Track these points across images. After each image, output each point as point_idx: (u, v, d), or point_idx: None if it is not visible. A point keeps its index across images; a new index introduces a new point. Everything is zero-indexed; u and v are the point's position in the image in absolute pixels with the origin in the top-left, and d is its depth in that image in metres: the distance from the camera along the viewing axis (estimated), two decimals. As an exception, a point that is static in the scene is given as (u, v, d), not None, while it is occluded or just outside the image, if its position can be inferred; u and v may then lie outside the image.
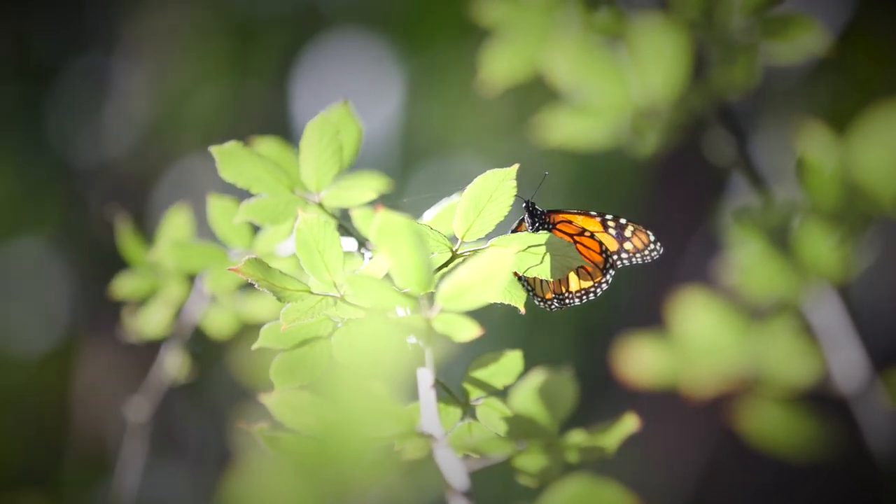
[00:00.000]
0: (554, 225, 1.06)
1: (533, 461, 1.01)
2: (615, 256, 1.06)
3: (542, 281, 1.05)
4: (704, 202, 2.53)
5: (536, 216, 1.05)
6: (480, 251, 0.94)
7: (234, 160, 0.99)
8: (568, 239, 1.05)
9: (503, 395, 1.00)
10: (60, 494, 2.87)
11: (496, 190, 0.93)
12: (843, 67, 2.65)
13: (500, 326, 2.97)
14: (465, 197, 0.93)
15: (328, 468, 0.76)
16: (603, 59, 1.46)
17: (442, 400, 0.98)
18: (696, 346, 1.50)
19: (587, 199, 3.08)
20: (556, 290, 1.06)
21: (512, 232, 1.05)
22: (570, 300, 1.06)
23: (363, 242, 1.04)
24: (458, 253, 0.97)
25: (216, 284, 1.14)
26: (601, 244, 1.06)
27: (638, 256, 1.07)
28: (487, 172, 0.93)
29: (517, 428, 0.99)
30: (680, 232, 2.73)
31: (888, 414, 1.43)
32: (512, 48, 1.51)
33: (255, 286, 0.93)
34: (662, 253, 1.07)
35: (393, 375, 0.81)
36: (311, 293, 0.94)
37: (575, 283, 1.06)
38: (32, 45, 3.20)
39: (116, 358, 2.93)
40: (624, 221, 1.06)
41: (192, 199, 1.32)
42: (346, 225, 1.04)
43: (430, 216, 1.04)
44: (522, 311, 0.98)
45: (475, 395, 0.99)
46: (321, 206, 1.02)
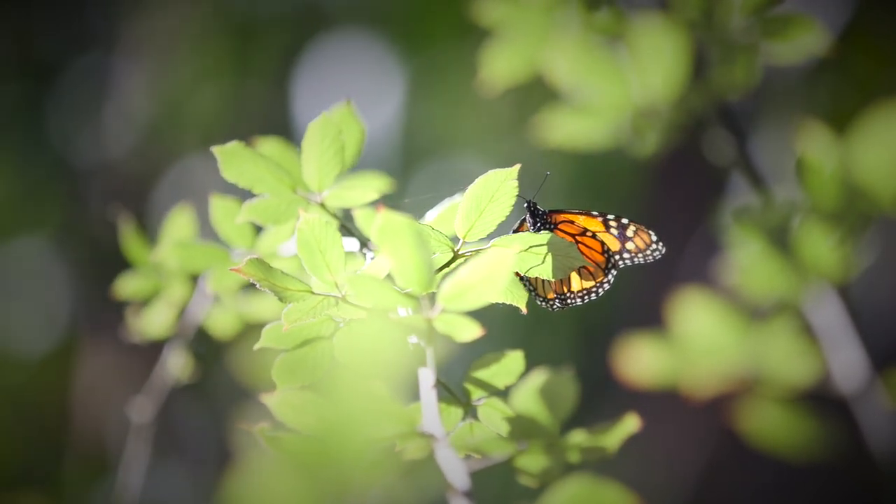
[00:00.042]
0: (556, 225, 1.06)
1: (534, 461, 1.01)
2: (617, 256, 1.06)
3: (544, 281, 1.05)
4: (704, 202, 2.53)
5: (538, 216, 1.05)
6: (482, 251, 0.94)
7: (235, 160, 0.99)
8: (570, 239, 1.05)
9: (504, 395, 1.00)
10: (60, 494, 2.86)
11: (498, 190, 0.93)
12: (843, 67, 2.65)
13: (500, 326, 2.97)
14: (466, 197, 0.93)
15: (329, 468, 0.76)
16: (603, 59, 1.46)
17: (443, 400, 0.98)
18: (696, 346, 1.50)
19: (587, 199, 3.08)
20: (557, 290, 1.05)
21: (514, 232, 1.05)
22: (572, 300, 1.06)
23: (365, 242, 1.04)
24: (459, 253, 0.97)
25: (219, 285, 1.14)
26: (603, 244, 1.06)
27: (640, 256, 1.06)
28: (489, 173, 0.93)
29: (518, 428, 0.99)
30: (680, 232, 2.73)
31: (888, 414, 1.43)
32: (512, 48, 1.51)
33: (256, 286, 0.93)
34: (663, 253, 1.07)
35: (394, 375, 0.81)
36: (312, 293, 0.94)
37: (577, 283, 1.05)
38: (33, 44, 3.19)
39: (117, 358, 2.93)
40: (626, 221, 1.06)
41: (192, 199, 1.31)
42: (348, 225, 1.04)
43: (432, 216, 1.04)
44: (524, 311, 0.98)
45: (476, 395, 0.98)
46: (323, 206, 1.02)
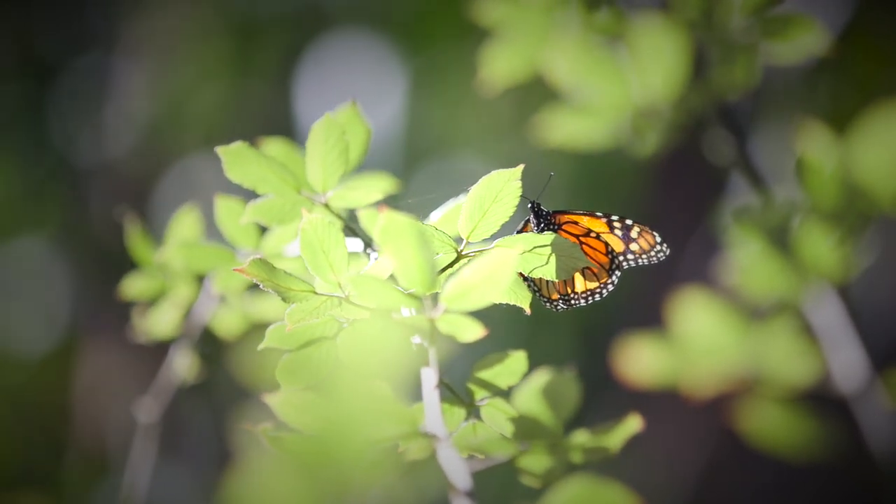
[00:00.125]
0: (560, 226, 1.05)
1: (536, 461, 1.01)
2: (621, 257, 1.06)
3: (548, 281, 1.05)
4: (704, 202, 2.53)
5: (542, 217, 1.05)
6: (485, 252, 0.94)
7: (240, 160, 0.99)
8: (574, 240, 1.05)
9: (506, 395, 1.00)
10: (61, 494, 2.86)
11: (501, 191, 0.93)
12: (843, 67, 2.65)
13: (501, 326, 2.97)
14: (470, 197, 0.93)
15: (331, 468, 0.76)
16: (603, 59, 1.46)
17: (446, 400, 0.98)
18: (696, 346, 1.50)
19: (587, 198, 3.07)
20: (561, 290, 1.05)
21: (517, 233, 1.05)
22: (575, 301, 1.06)
23: (369, 243, 1.04)
24: (463, 253, 0.97)
25: (224, 285, 1.14)
26: (607, 245, 1.05)
27: (644, 257, 1.06)
28: (492, 173, 0.93)
29: (521, 428, 0.99)
30: (680, 232, 2.72)
31: (888, 414, 1.43)
32: (512, 48, 1.51)
33: (260, 287, 0.93)
34: (667, 254, 1.07)
35: (397, 376, 0.81)
36: (315, 294, 0.94)
37: (581, 283, 1.05)
38: (34, 44, 3.19)
39: (117, 358, 2.93)
40: (630, 222, 1.06)
41: (194, 199, 1.31)
42: (352, 225, 1.04)
43: (436, 217, 1.04)
44: (528, 311, 0.98)
45: (480, 395, 0.98)
46: (327, 206, 1.02)
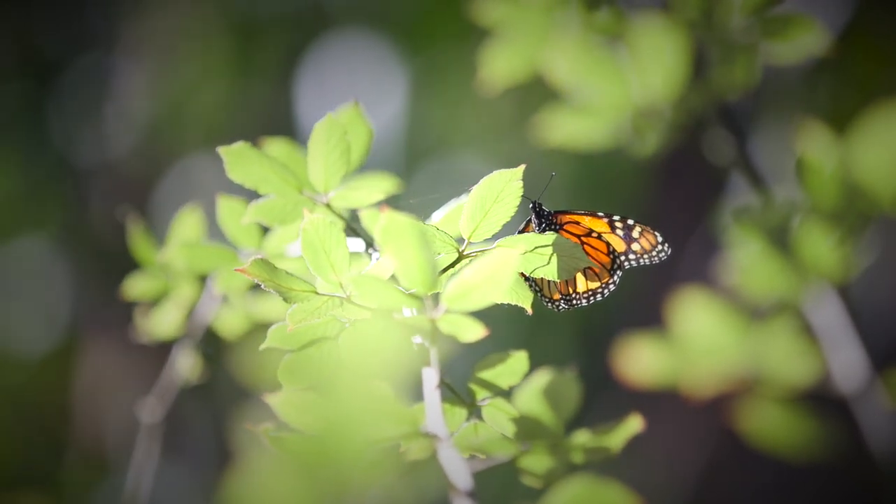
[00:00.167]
0: (561, 226, 1.05)
1: (537, 461, 1.01)
2: (623, 257, 1.06)
3: (549, 282, 1.05)
4: (704, 202, 2.53)
5: (543, 217, 1.05)
6: (486, 252, 0.94)
7: (241, 161, 0.99)
8: (575, 240, 1.05)
9: (507, 395, 1.00)
10: (61, 494, 2.86)
11: (502, 191, 0.93)
12: (843, 67, 2.65)
13: (501, 326, 2.97)
14: (471, 198, 0.93)
15: (332, 468, 0.76)
16: (603, 59, 1.46)
17: (447, 400, 0.98)
18: (696, 346, 1.50)
19: (587, 198, 3.07)
20: (563, 290, 1.05)
21: (519, 233, 1.05)
22: (577, 301, 1.06)
23: (371, 243, 1.04)
24: (464, 254, 0.97)
25: (226, 285, 1.14)
26: (608, 245, 1.05)
27: (646, 257, 1.06)
28: (494, 173, 0.93)
29: (522, 428, 0.99)
30: (680, 232, 2.73)
31: (888, 414, 1.43)
32: (512, 48, 1.51)
33: (261, 287, 0.93)
34: (669, 254, 1.07)
35: (398, 376, 0.81)
36: (317, 294, 0.94)
37: (582, 283, 1.05)
38: (34, 44, 3.19)
39: (117, 358, 2.93)
40: (631, 222, 1.06)
41: (194, 199, 1.31)
42: (354, 226, 1.04)
43: (438, 217, 1.04)
44: (529, 311, 0.98)
45: (481, 395, 0.98)
46: (329, 206, 1.02)
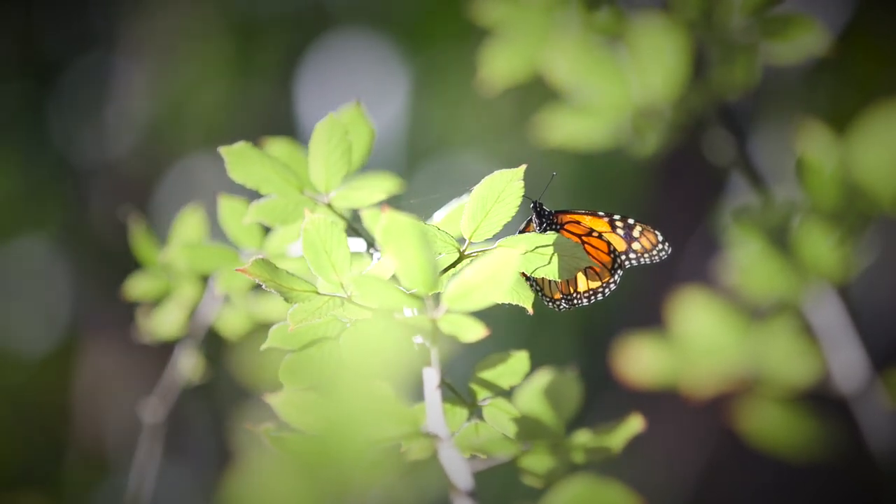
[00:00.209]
0: (562, 225, 1.05)
1: (538, 461, 1.01)
2: (623, 257, 1.06)
3: (550, 281, 1.05)
4: (704, 202, 2.54)
5: (544, 217, 1.05)
6: (487, 252, 0.94)
7: (243, 161, 0.99)
8: (576, 239, 1.05)
9: (508, 395, 1.00)
10: (61, 494, 2.86)
11: (503, 191, 0.93)
12: (843, 67, 2.65)
13: (501, 326, 2.97)
14: (472, 198, 0.93)
15: (333, 468, 0.76)
16: (603, 59, 1.46)
17: (448, 400, 0.98)
18: (696, 346, 1.50)
19: (587, 198, 3.07)
20: (564, 290, 1.05)
21: (520, 232, 1.05)
22: (578, 300, 1.06)
23: (372, 243, 1.04)
24: (465, 254, 0.97)
25: (228, 285, 1.14)
26: (609, 244, 1.05)
27: (646, 257, 1.06)
28: (495, 173, 0.93)
29: (523, 428, 0.99)
30: (680, 232, 2.72)
31: (888, 414, 1.43)
32: (512, 48, 1.51)
33: (262, 287, 0.93)
34: (669, 253, 1.07)
35: (399, 376, 0.81)
36: (318, 294, 0.94)
37: (583, 283, 1.05)
38: (35, 44, 3.19)
39: (117, 358, 2.93)
40: (632, 222, 1.06)
41: (195, 199, 1.31)
42: (355, 226, 1.04)
43: (439, 217, 1.04)
44: (530, 311, 0.98)
45: (482, 395, 0.98)
46: (330, 206, 1.02)
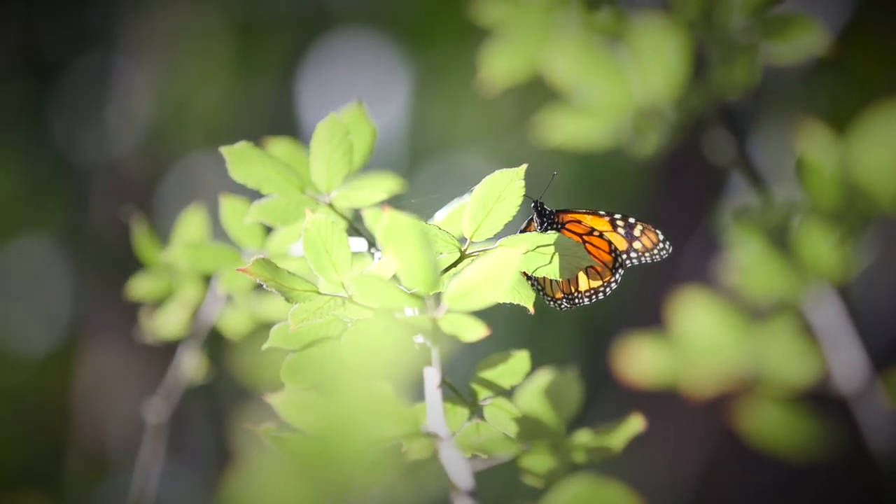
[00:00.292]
0: (563, 225, 1.06)
1: (539, 461, 1.01)
2: (624, 256, 1.06)
3: (551, 280, 1.05)
4: (704, 202, 2.54)
5: (545, 216, 1.05)
6: (488, 251, 0.94)
7: (244, 160, 0.99)
8: (577, 239, 1.05)
9: (509, 395, 1.00)
10: (61, 494, 2.86)
11: (504, 190, 0.93)
12: (843, 67, 2.65)
13: (503, 326, 2.97)
14: (473, 197, 0.93)
15: (333, 468, 0.76)
16: (603, 59, 1.46)
17: (448, 400, 0.98)
18: (696, 346, 1.50)
19: (588, 198, 3.08)
20: (565, 289, 1.05)
21: (521, 232, 1.05)
22: (579, 300, 1.06)
23: (373, 243, 1.04)
24: (466, 253, 0.97)
25: (229, 285, 1.14)
26: (610, 244, 1.06)
27: (647, 256, 1.06)
28: (496, 173, 0.93)
29: (524, 428, 0.99)
30: (680, 232, 2.72)
31: (888, 414, 1.43)
32: (512, 48, 1.51)
33: (263, 287, 0.93)
34: (670, 252, 1.07)
35: (400, 375, 0.81)
36: (319, 293, 0.94)
37: (584, 282, 1.05)
38: (36, 43, 3.19)
39: (118, 358, 2.93)
40: (633, 221, 1.06)
41: (196, 198, 1.31)
42: (356, 226, 1.04)
43: (440, 216, 1.04)
44: (531, 310, 0.98)
45: (482, 394, 0.98)
46: (331, 206, 1.02)
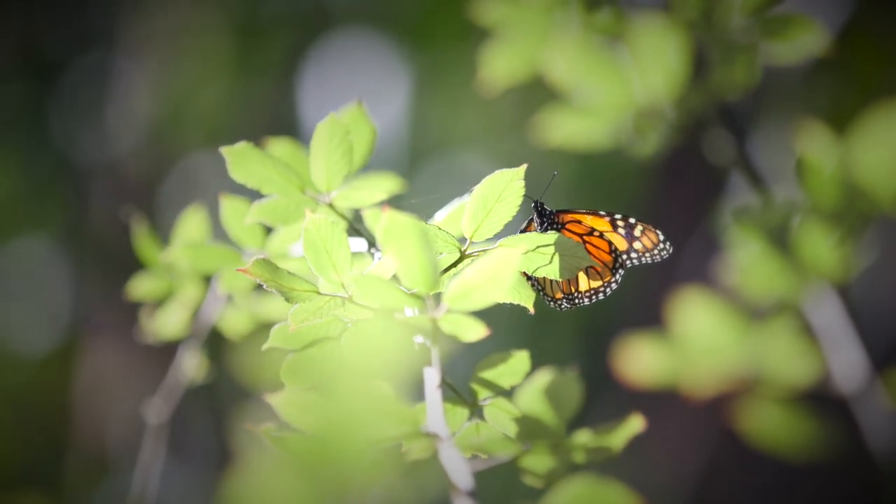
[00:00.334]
0: (563, 225, 1.05)
1: (539, 461, 1.01)
2: (624, 256, 1.06)
3: (552, 281, 1.05)
4: (704, 202, 2.54)
5: (545, 216, 1.05)
6: (488, 251, 0.94)
7: (244, 160, 0.99)
8: (577, 239, 1.05)
9: (509, 395, 1.00)
10: (61, 494, 2.86)
11: (504, 190, 0.93)
12: (843, 67, 2.65)
13: (503, 326, 2.97)
14: (473, 197, 0.93)
15: (333, 468, 0.76)
16: (603, 59, 1.46)
17: (448, 400, 0.98)
18: (696, 346, 1.50)
19: (588, 198, 3.08)
20: (565, 289, 1.05)
21: (521, 232, 1.05)
22: (579, 300, 1.06)
23: (373, 243, 1.04)
24: (466, 253, 0.97)
25: (230, 285, 1.14)
26: (610, 244, 1.06)
27: (647, 256, 1.06)
28: (496, 173, 0.93)
29: (524, 428, 0.99)
30: (680, 232, 2.72)
31: (888, 414, 1.43)
32: (512, 48, 1.51)
33: (263, 287, 0.93)
34: (671, 252, 1.07)
35: (400, 375, 0.81)
36: (319, 294, 0.94)
37: (584, 282, 1.05)
38: (36, 43, 3.19)
39: (118, 358, 2.93)
40: (633, 221, 1.06)
41: (196, 198, 1.31)
42: (356, 226, 1.04)
43: (441, 216, 1.04)
44: (532, 311, 0.98)
45: (482, 395, 0.98)
46: (332, 206, 1.02)
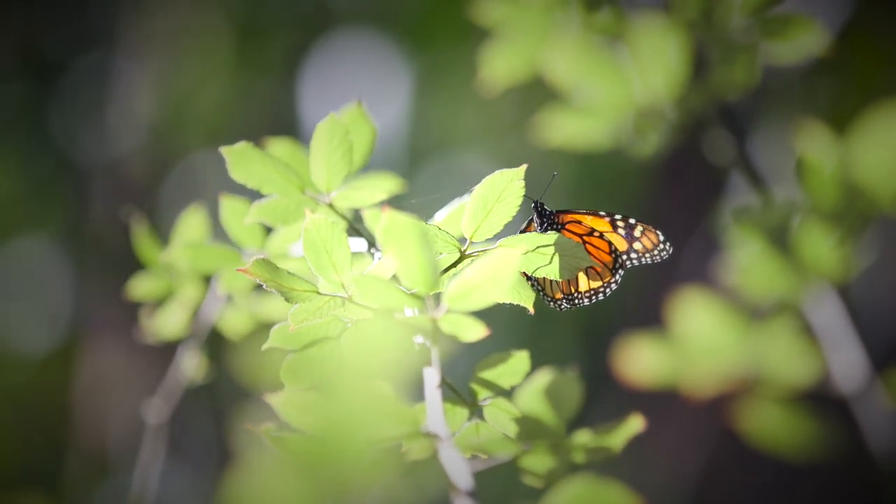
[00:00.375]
0: (563, 225, 1.05)
1: (539, 461, 1.01)
2: (624, 256, 1.06)
3: (551, 281, 1.05)
4: (704, 202, 2.54)
5: (545, 216, 1.05)
6: (488, 251, 0.94)
7: (244, 160, 0.99)
8: (577, 239, 1.05)
9: (508, 395, 1.00)
10: (61, 494, 2.86)
11: (504, 190, 0.93)
12: (842, 67, 2.65)
13: (503, 326, 2.97)
14: (473, 197, 0.93)
15: (333, 468, 0.76)
16: (603, 59, 1.46)
17: (448, 400, 0.98)
18: (696, 346, 1.50)
19: (588, 198, 3.08)
20: (565, 290, 1.05)
21: (521, 232, 1.05)
22: (579, 300, 1.06)
23: (373, 243, 1.04)
24: (466, 253, 0.97)
25: (229, 285, 1.14)
26: (610, 244, 1.06)
27: (647, 256, 1.06)
28: (496, 173, 0.93)
29: (524, 428, 0.99)
30: (680, 232, 2.72)
31: (888, 414, 1.43)
32: (512, 48, 1.51)
33: (263, 287, 0.93)
34: (671, 253, 1.07)
35: (400, 375, 0.81)
36: (318, 294, 0.94)
37: (584, 283, 1.05)
38: (36, 43, 3.19)
39: (118, 358, 2.93)
40: (633, 221, 1.06)
41: (197, 198, 1.31)
42: (356, 226, 1.04)
43: (441, 217, 1.04)
44: (531, 311, 0.98)
45: (482, 395, 0.98)
46: (332, 206, 1.02)
